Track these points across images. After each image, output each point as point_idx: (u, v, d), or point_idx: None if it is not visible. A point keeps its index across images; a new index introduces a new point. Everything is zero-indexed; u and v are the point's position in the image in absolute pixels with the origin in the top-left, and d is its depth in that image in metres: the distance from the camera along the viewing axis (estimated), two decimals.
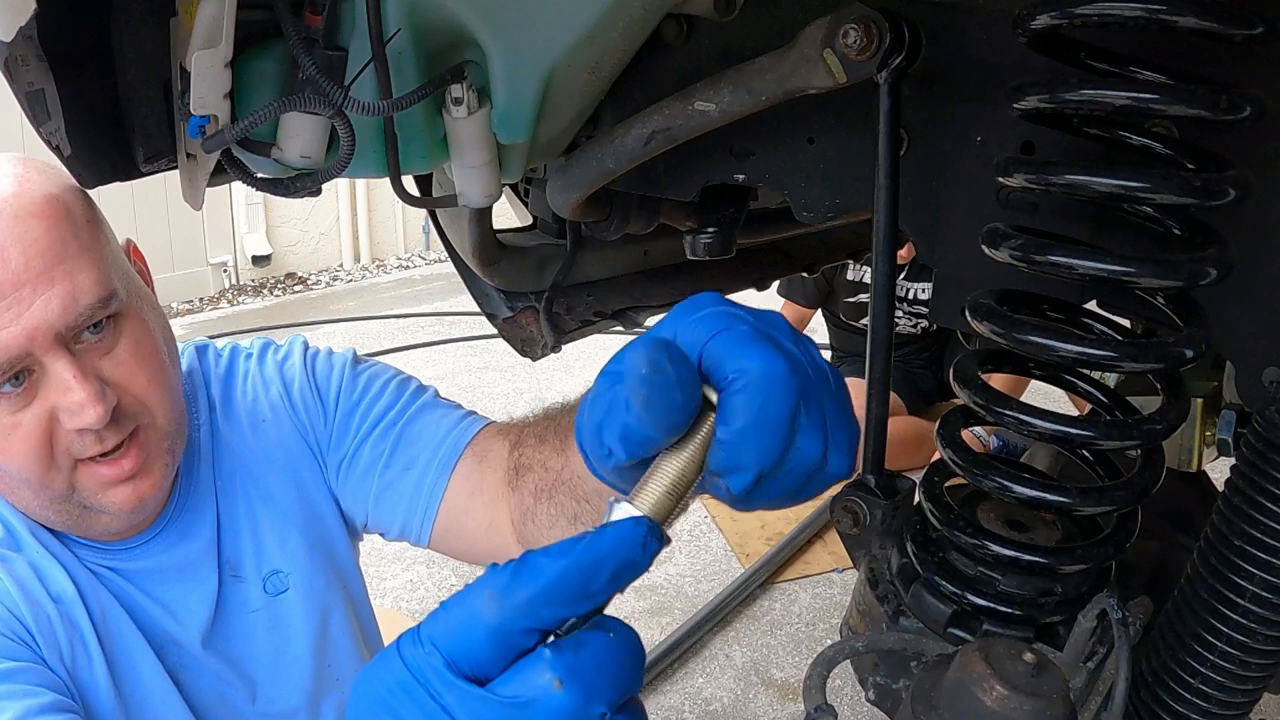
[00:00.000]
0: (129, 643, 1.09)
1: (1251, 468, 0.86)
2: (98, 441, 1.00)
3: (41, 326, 0.94)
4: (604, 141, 1.09)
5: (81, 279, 0.97)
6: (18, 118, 1.15)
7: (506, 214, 1.68)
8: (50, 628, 1.02)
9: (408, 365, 5.02)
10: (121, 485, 1.03)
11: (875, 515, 1.01)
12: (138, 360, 1.03)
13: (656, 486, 0.59)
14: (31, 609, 1.02)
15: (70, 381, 0.96)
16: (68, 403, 0.96)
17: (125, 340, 1.02)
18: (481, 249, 1.52)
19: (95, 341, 0.99)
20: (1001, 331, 0.85)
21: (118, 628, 1.09)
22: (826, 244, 1.95)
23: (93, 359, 0.99)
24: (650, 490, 0.59)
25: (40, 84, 1.00)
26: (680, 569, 3.19)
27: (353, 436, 1.26)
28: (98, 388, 0.97)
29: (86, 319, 0.97)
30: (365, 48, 0.95)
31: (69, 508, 1.03)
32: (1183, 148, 0.83)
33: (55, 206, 0.98)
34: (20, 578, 1.03)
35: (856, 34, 0.89)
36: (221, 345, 1.31)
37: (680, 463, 0.60)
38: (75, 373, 0.96)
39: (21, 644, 1.00)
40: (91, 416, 0.96)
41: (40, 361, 0.96)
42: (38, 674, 0.98)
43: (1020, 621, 0.91)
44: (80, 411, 0.96)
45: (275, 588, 1.23)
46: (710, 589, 3.06)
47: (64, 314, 0.95)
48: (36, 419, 0.97)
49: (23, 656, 0.99)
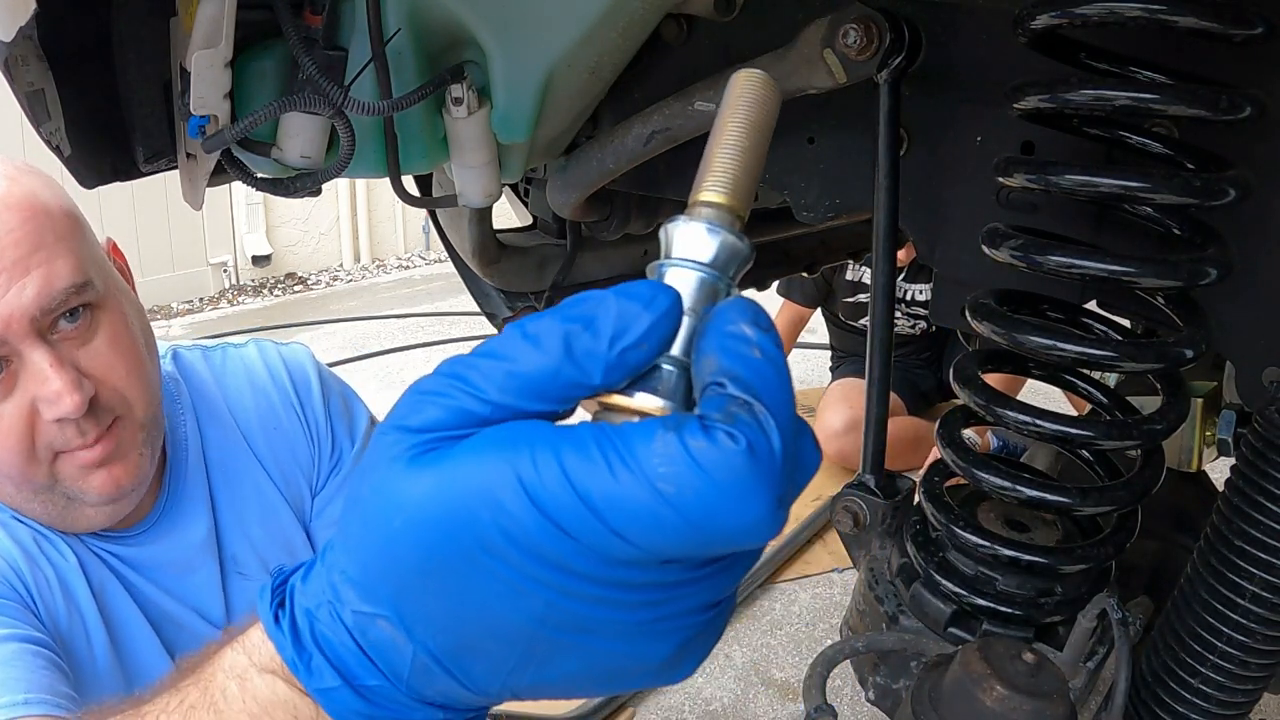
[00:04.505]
0: (126, 616, 1.11)
1: (1251, 468, 0.86)
2: (78, 434, 1.00)
3: (16, 313, 0.95)
4: (604, 141, 1.09)
5: (57, 265, 0.98)
6: (18, 118, 1.15)
7: (506, 214, 1.68)
8: (48, 588, 1.04)
9: (408, 365, 4.98)
10: (99, 470, 1.04)
11: (875, 515, 1.01)
12: (115, 352, 1.03)
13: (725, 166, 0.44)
14: (30, 567, 1.04)
15: (47, 371, 0.96)
16: (45, 392, 0.97)
17: (103, 332, 1.03)
18: (481, 249, 1.52)
19: (71, 330, 1.00)
20: (1001, 331, 0.85)
21: (115, 600, 1.10)
22: (826, 244, 1.95)
23: (69, 349, 1.00)
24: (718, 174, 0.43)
25: (40, 84, 1.01)
26: None
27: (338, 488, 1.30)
28: (74, 377, 0.98)
29: (61, 304, 0.98)
30: (365, 48, 0.95)
31: (53, 499, 1.04)
32: (1183, 148, 0.83)
33: (31, 200, 0.99)
34: (20, 539, 1.05)
35: (856, 34, 0.89)
36: (212, 346, 1.32)
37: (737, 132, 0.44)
38: (52, 361, 0.97)
39: (10, 587, 1.01)
40: (68, 405, 0.96)
41: (17, 351, 0.97)
42: (22, 614, 1.00)
43: (1020, 621, 0.91)
44: (57, 401, 0.96)
45: None
46: None
47: (38, 299, 0.96)
48: (17, 410, 0.98)
49: (10, 596, 1.00)
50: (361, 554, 0.43)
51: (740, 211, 0.43)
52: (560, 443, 0.39)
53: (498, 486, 0.39)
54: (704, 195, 0.43)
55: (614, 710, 2.54)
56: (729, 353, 0.40)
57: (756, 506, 0.38)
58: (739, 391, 0.39)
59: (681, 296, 0.41)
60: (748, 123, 0.44)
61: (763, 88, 0.45)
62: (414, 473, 0.41)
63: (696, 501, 0.37)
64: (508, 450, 0.39)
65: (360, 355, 4.90)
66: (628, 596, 0.40)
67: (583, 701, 2.51)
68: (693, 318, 0.42)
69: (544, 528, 0.38)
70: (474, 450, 0.40)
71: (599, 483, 0.38)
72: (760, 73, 0.46)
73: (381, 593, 0.42)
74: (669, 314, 0.40)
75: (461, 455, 0.40)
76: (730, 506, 0.37)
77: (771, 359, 0.40)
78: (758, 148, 0.44)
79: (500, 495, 0.39)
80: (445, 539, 0.40)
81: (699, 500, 0.37)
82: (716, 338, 0.40)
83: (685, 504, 0.37)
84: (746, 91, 0.45)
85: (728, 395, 0.39)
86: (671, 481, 0.37)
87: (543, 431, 0.39)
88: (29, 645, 0.95)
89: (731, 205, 0.43)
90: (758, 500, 0.37)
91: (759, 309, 0.42)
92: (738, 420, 0.38)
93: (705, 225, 0.42)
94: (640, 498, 0.37)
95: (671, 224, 0.43)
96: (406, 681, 0.44)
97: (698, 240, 0.42)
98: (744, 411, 0.38)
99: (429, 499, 0.40)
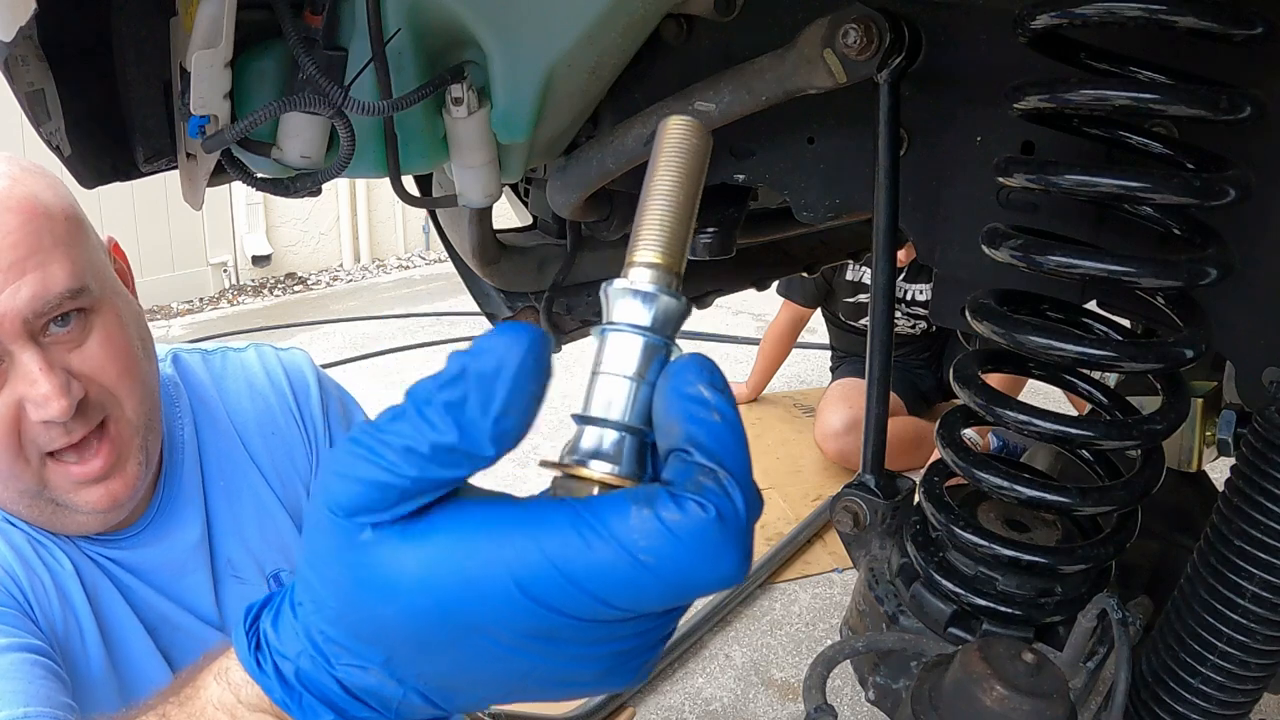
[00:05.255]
0: (120, 619, 1.10)
1: (1251, 468, 0.86)
2: (64, 434, 1.01)
3: (9, 314, 0.96)
4: (604, 141, 1.09)
5: (53, 270, 0.98)
6: (18, 118, 1.15)
7: (506, 214, 1.68)
8: (44, 594, 1.04)
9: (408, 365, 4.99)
10: (94, 485, 1.04)
11: (875, 515, 1.01)
12: (108, 353, 1.04)
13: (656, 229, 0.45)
14: (27, 573, 1.04)
15: (36, 374, 0.97)
16: (34, 394, 0.98)
17: (95, 335, 1.03)
18: (481, 249, 1.52)
19: (63, 334, 1.00)
20: (1001, 331, 0.85)
21: (110, 604, 1.10)
22: (826, 244, 1.95)
23: (60, 353, 1.00)
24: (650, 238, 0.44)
25: (40, 84, 1.01)
26: None
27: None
28: (63, 380, 0.98)
29: (54, 309, 0.99)
30: (365, 48, 0.95)
31: (40, 504, 1.05)
32: (1183, 148, 0.83)
33: (32, 202, 0.99)
34: (16, 545, 1.05)
35: (856, 34, 0.89)
36: (211, 349, 1.32)
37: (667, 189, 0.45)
38: (42, 364, 0.97)
39: (8, 594, 1.01)
40: (55, 409, 0.97)
41: (8, 351, 0.97)
42: (21, 621, 1.00)
43: (1020, 621, 0.91)
44: (45, 404, 0.97)
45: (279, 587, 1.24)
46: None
47: (32, 302, 0.96)
48: (5, 408, 0.98)
49: (9, 604, 1.00)
50: (348, 625, 0.46)
51: (676, 269, 0.44)
52: (538, 531, 0.42)
53: (486, 580, 0.42)
54: (639, 256, 0.44)
55: (614, 710, 2.54)
56: (691, 418, 0.43)
57: (728, 563, 0.42)
58: (704, 459, 0.42)
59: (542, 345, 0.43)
60: (679, 174, 0.45)
61: (692, 135, 0.46)
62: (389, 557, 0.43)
63: (674, 568, 0.41)
64: (487, 542, 0.42)
65: (360, 355, 4.90)
66: (604, 649, 0.44)
67: (583, 701, 2.51)
68: (639, 381, 0.44)
69: (534, 611, 0.42)
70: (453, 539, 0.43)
71: (583, 562, 0.41)
72: (689, 120, 0.47)
73: (372, 656, 0.46)
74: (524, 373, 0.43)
75: (438, 543, 0.43)
76: (705, 566, 0.41)
77: (730, 423, 0.43)
78: (690, 200, 0.45)
79: (491, 589, 0.42)
80: (439, 624, 0.43)
81: (676, 566, 0.41)
82: (677, 402, 0.43)
83: (665, 571, 0.41)
84: (676, 140, 0.46)
85: (694, 464, 0.42)
86: (651, 554, 0.41)
87: (513, 518, 0.43)
88: (28, 655, 0.95)
89: (667, 265, 0.44)
90: (728, 558, 0.42)
91: (712, 366, 0.45)
92: (705, 490, 0.42)
93: (643, 288, 0.44)
94: (623, 570, 0.41)
95: (610, 287, 0.44)
96: (395, 711, 0.48)
97: (636, 303, 0.44)
98: (710, 480, 0.42)
99: (418, 591, 0.43)
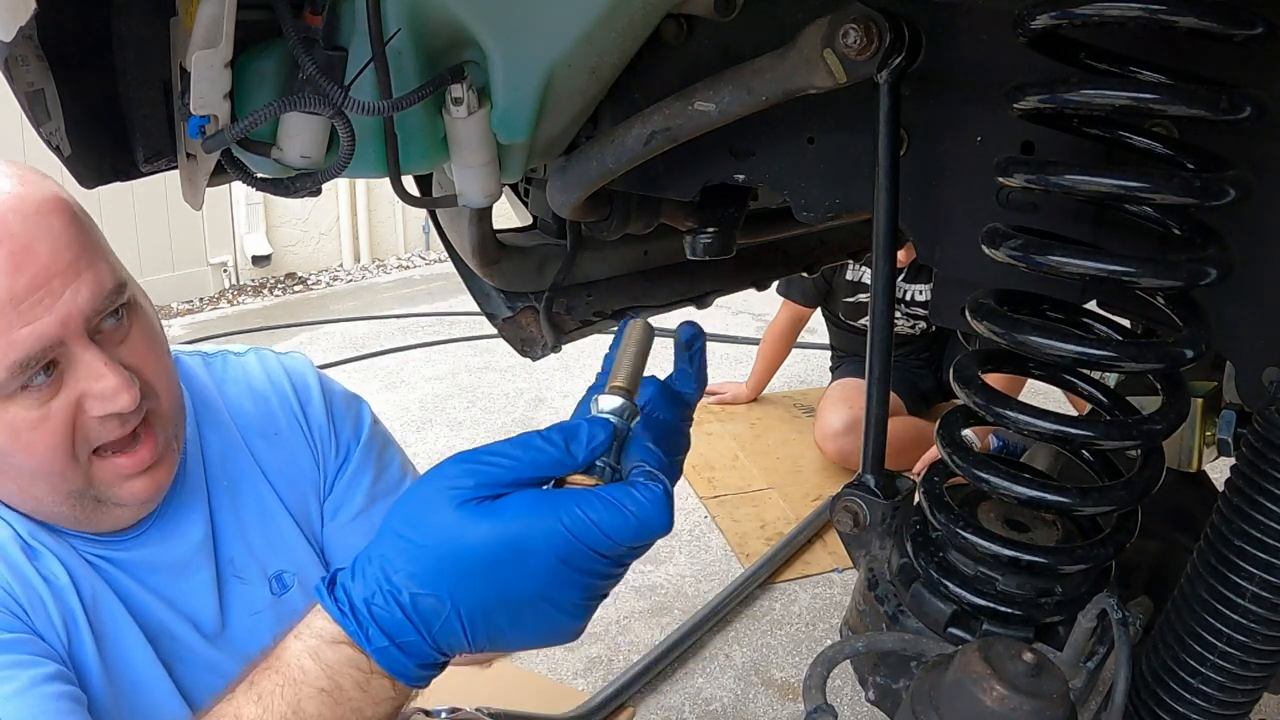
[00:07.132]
0: (120, 628, 1.10)
1: (1251, 468, 0.87)
2: (120, 426, 1.03)
3: (74, 314, 0.97)
4: (604, 141, 1.09)
5: (101, 267, 1.01)
6: (18, 118, 1.15)
7: (506, 214, 1.68)
8: (43, 605, 1.04)
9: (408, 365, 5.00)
10: (140, 476, 1.06)
11: (875, 515, 1.01)
12: (148, 345, 1.07)
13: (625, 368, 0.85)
14: (23, 586, 1.03)
15: (102, 368, 0.99)
16: (100, 389, 0.99)
17: (136, 327, 1.06)
18: (481, 249, 1.52)
19: (114, 329, 1.03)
20: (1001, 331, 0.85)
21: (109, 612, 1.09)
22: (826, 244, 1.95)
23: (112, 346, 1.03)
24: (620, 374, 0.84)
25: (40, 84, 1.01)
26: (680, 569, 3.19)
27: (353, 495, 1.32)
28: (126, 373, 1.01)
29: (110, 305, 1.01)
30: (365, 48, 0.95)
31: (84, 503, 1.05)
32: (1183, 148, 0.83)
33: (64, 203, 1.01)
34: (10, 558, 1.05)
35: (856, 34, 0.89)
36: (211, 352, 1.32)
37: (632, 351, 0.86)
38: (105, 360, 1.00)
39: (15, 617, 1.01)
40: (125, 401, 1.00)
41: (69, 350, 0.99)
42: (35, 645, 1.00)
43: (1020, 621, 0.91)
44: (114, 397, 0.99)
45: (280, 588, 1.24)
46: (710, 589, 3.06)
47: (92, 300, 0.99)
48: (65, 407, 1.00)
49: (18, 629, 1.01)
50: (429, 558, 0.74)
51: (633, 390, 0.83)
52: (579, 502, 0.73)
53: (547, 519, 0.73)
54: (617, 383, 0.83)
55: (614, 710, 2.54)
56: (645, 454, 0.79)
57: (668, 516, 0.75)
58: (654, 468, 0.78)
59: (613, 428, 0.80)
60: (639, 345, 0.86)
61: (646, 329, 0.87)
62: (476, 516, 0.74)
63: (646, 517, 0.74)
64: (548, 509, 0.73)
65: (360, 355, 4.90)
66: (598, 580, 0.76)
67: (583, 701, 2.52)
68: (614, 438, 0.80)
69: (568, 540, 0.73)
70: (525, 506, 0.74)
71: (606, 518, 0.73)
72: (644, 321, 0.87)
73: (441, 583, 0.73)
74: (606, 436, 0.78)
75: (515, 509, 0.74)
76: (658, 517, 0.74)
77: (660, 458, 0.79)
78: (644, 355, 0.86)
79: (546, 526, 0.73)
80: (511, 558, 0.73)
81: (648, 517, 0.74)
82: (639, 451, 0.80)
83: (645, 518, 0.74)
84: (636, 331, 0.86)
85: (646, 470, 0.77)
86: (638, 512, 0.74)
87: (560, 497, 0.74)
88: (47, 685, 0.95)
89: (629, 388, 0.83)
90: (668, 513, 0.75)
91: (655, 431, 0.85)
92: (655, 480, 0.76)
93: (617, 398, 0.82)
94: (626, 521, 0.73)
95: (602, 396, 0.82)
96: (434, 636, 0.75)
97: (614, 405, 0.81)
98: (654, 479, 0.76)
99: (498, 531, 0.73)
